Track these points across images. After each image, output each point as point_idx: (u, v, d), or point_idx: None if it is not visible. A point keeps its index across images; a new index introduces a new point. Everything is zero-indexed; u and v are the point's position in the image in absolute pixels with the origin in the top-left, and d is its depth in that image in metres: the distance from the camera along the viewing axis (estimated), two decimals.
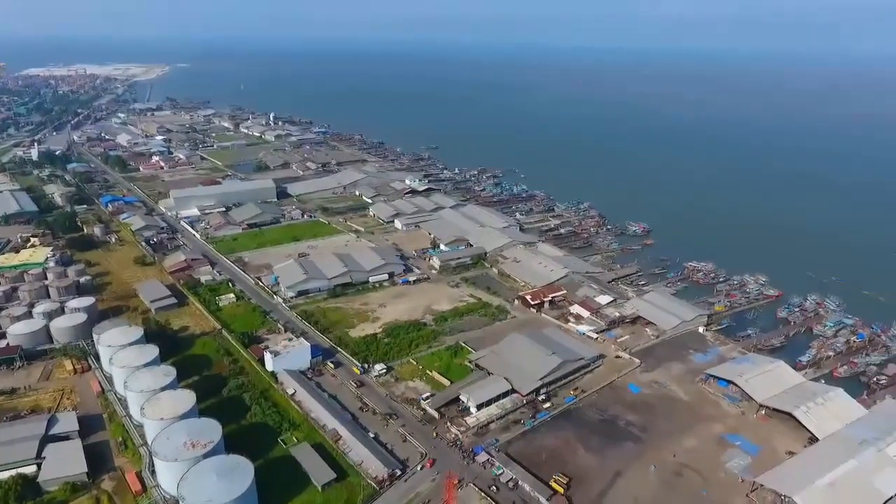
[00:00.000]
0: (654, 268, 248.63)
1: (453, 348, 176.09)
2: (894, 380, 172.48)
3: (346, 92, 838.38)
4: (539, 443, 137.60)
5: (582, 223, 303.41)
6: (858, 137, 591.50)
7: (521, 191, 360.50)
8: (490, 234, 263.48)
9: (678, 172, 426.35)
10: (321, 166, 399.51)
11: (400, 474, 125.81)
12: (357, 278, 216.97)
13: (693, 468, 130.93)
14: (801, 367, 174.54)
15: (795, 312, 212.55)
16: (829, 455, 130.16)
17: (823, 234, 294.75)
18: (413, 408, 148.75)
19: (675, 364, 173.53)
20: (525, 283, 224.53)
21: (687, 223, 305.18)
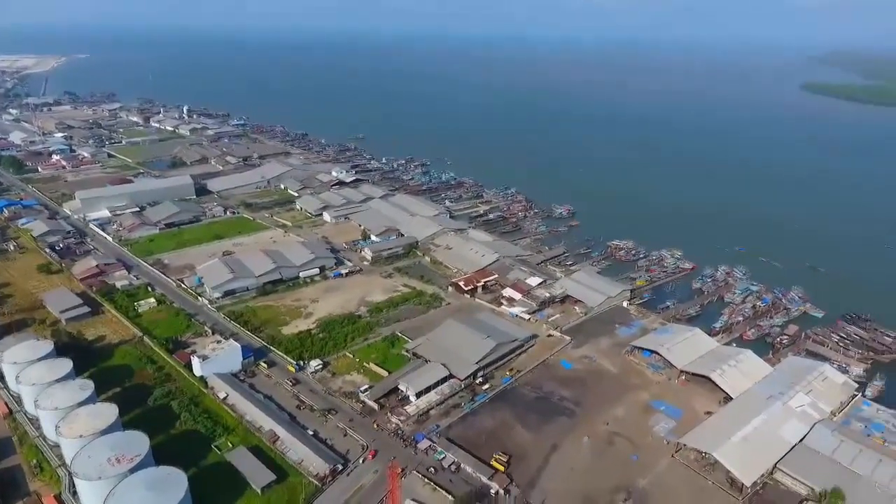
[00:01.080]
0: (580, 248, 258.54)
1: (389, 339, 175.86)
2: (795, 339, 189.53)
3: (268, 83, 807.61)
4: (479, 424, 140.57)
5: (510, 208, 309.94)
6: (749, 119, 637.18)
7: (450, 178, 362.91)
8: (421, 223, 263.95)
9: (597, 156, 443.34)
10: (242, 160, 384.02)
11: (342, 469, 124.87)
12: (287, 274, 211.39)
13: (623, 435, 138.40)
14: (715, 333, 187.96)
15: (708, 283, 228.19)
16: (742, 412, 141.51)
17: (726, 209, 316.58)
18: (352, 401, 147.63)
19: (603, 338, 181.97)
20: (457, 269, 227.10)
21: (608, 204, 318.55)
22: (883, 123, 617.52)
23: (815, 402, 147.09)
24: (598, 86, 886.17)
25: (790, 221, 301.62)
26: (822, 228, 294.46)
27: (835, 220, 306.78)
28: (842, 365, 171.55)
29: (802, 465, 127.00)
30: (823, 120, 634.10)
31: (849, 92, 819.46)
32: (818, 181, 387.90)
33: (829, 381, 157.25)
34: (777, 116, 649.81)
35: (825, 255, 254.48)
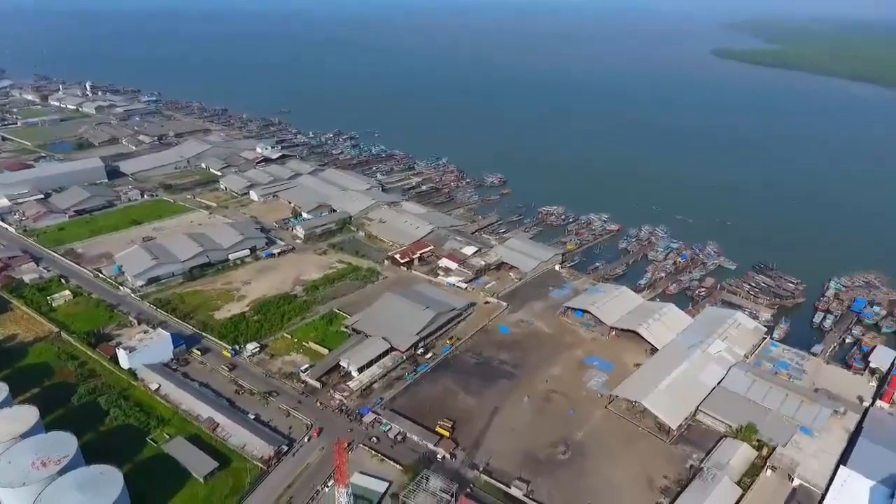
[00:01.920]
0: (512, 215, 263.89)
1: (328, 316, 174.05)
2: (711, 290, 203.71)
3: (181, 55, 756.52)
4: (422, 394, 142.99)
5: (442, 179, 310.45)
6: (663, 83, 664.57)
7: (380, 151, 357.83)
8: (353, 198, 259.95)
9: (525, 123, 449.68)
10: (157, 139, 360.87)
11: (287, 450, 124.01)
12: (215, 257, 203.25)
13: (560, 392, 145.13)
14: (641, 290, 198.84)
15: (633, 242, 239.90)
16: (667, 361, 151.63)
17: (644, 171, 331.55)
18: (293, 382, 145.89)
19: (538, 302, 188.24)
20: (393, 242, 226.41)
21: (538, 171, 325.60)
22: (783, 85, 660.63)
23: (730, 347, 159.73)
24: (512, 52, 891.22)
25: (701, 180, 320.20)
26: (729, 185, 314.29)
27: (740, 178, 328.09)
28: (752, 311, 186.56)
29: (721, 406, 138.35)
30: (731, 83, 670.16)
31: (754, 56, 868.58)
32: (726, 141, 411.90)
33: (742, 327, 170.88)
34: (689, 80, 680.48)
35: (732, 211, 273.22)
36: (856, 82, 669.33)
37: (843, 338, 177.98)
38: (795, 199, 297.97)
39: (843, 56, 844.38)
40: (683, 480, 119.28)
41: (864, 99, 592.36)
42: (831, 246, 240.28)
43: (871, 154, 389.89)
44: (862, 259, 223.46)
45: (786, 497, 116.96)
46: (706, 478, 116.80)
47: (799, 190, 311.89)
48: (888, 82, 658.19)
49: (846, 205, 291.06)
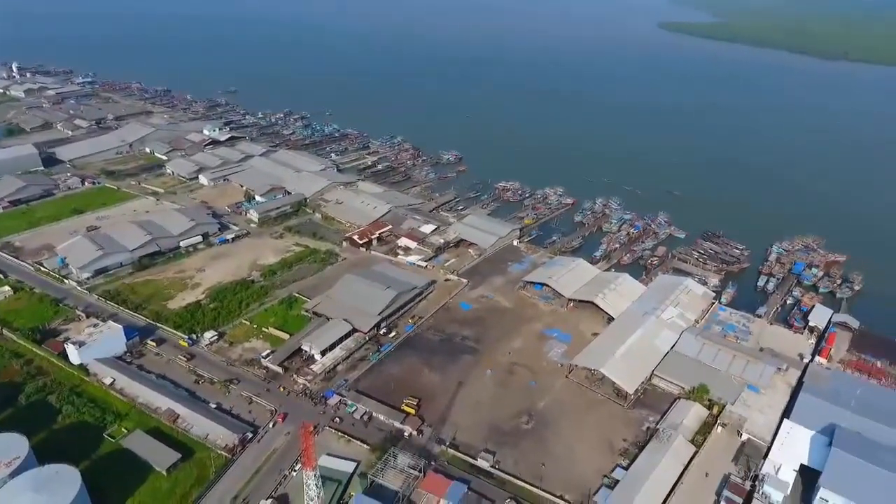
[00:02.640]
0: (469, 192, 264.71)
1: (287, 301, 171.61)
2: (663, 259, 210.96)
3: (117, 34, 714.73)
4: (386, 373, 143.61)
5: (398, 157, 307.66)
6: (611, 57, 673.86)
7: (333, 131, 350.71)
8: (307, 179, 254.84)
9: (477, 100, 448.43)
10: (95, 123, 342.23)
11: (252, 437, 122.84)
12: (166, 245, 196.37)
13: (522, 364, 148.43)
14: (596, 261, 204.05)
15: (588, 215, 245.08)
16: (622, 329, 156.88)
17: (594, 144, 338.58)
18: (255, 368, 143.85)
19: (497, 277, 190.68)
20: (350, 223, 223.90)
21: (493, 147, 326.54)
22: (726, 59, 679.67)
23: (682, 312, 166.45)
24: (463, 30, 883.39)
25: (648, 152, 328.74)
26: (675, 156, 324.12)
27: (684, 149, 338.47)
28: (701, 278, 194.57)
29: (674, 369, 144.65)
30: (676, 56, 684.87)
31: (699, 29, 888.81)
32: (670, 113, 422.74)
33: (692, 293, 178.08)
34: (637, 54, 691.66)
35: (680, 181, 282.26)
36: (794, 55, 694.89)
37: (784, 299, 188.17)
38: (739, 169, 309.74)
39: (785, 29, 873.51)
40: (641, 442, 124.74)
41: (801, 71, 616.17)
42: (773, 213, 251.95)
43: (809, 125, 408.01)
44: (801, 224, 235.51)
45: (735, 451, 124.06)
46: (662, 438, 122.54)
47: (741, 159, 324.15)
48: (824, 55, 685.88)
49: (786, 173, 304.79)
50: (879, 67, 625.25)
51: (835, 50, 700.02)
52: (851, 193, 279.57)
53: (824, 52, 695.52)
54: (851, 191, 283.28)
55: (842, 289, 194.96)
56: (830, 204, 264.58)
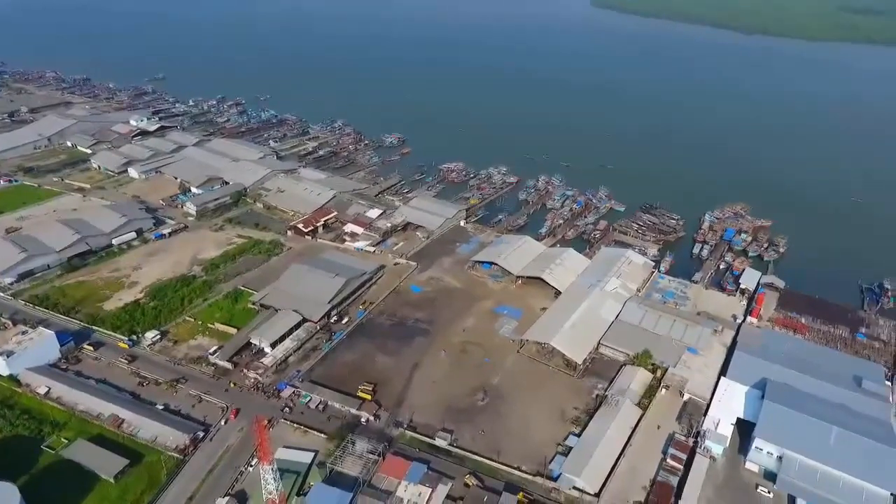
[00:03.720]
0: (414, 175, 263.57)
1: (232, 294, 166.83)
2: (605, 232, 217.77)
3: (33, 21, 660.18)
4: (340, 361, 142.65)
5: (340, 142, 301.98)
6: (543, 34, 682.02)
7: (271, 117, 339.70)
8: (246, 168, 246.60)
9: (418, 82, 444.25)
10: (7, 116, 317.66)
11: (203, 436, 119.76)
12: (97, 244, 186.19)
13: (474, 342, 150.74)
14: (542, 238, 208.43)
15: (532, 193, 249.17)
16: (569, 303, 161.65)
17: (533, 122, 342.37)
18: (202, 366, 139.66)
19: (446, 258, 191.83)
20: (294, 212, 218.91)
21: (435, 129, 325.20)
22: (657, 34, 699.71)
23: (624, 283, 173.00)
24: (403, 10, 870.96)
25: (583, 127, 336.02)
26: (607, 131, 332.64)
27: (617, 123, 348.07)
28: (641, 248, 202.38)
29: (619, 337, 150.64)
30: (609, 32, 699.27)
31: (630, 5, 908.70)
32: (602, 89, 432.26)
33: (634, 263, 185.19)
34: (569, 31, 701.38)
35: (614, 155, 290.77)
36: (719, 30, 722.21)
37: (717, 265, 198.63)
38: (669, 142, 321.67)
39: (708, 4, 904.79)
40: (591, 409, 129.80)
41: (723, 45, 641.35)
42: (704, 183, 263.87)
43: (732, 98, 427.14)
44: (730, 193, 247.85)
45: (678, 410, 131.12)
46: (611, 403, 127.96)
47: (671, 133, 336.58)
48: (745, 30, 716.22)
49: (713, 145, 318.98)
50: (797, 42, 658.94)
51: (755, 25, 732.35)
52: (774, 162, 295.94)
53: (745, 26, 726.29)
54: (774, 159, 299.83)
55: (768, 252, 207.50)
56: (755, 173, 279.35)
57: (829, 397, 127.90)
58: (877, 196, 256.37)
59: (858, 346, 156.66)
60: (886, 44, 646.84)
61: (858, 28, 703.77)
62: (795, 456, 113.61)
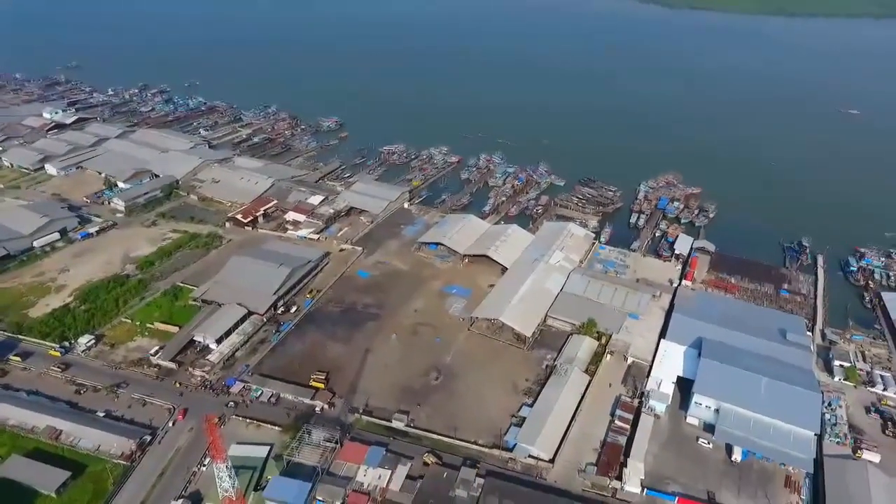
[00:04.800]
0: (355, 158, 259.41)
1: (171, 292, 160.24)
2: (546, 207, 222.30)
3: None
4: (290, 352, 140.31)
5: (275, 128, 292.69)
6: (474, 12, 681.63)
7: (199, 104, 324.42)
8: (176, 159, 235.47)
9: (351, 64, 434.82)
10: None
11: (151, 439, 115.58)
12: (15, 248, 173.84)
13: (425, 323, 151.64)
14: (486, 216, 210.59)
15: (473, 172, 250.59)
16: (516, 278, 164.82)
17: (466, 99, 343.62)
18: (144, 367, 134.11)
19: (392, 241, 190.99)
20: (232, 202, 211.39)
21: (372, 111, 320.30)
22: (582, 12, 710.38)
23: (567, 255, 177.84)
24: None
25: (515, 104, 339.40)
26: (544, 108, 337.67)
27: (550, 99, 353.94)
28: (582, 221, 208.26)
29: (565, 308, 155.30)
30: (538, 9, 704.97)
31: None
32: (534, 66, 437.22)
33: (575, 236, 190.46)
34: (497, 8, 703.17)
35: (549, 131, 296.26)
36: (645, 4, 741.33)
37: (653, 233, 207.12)
38: (602, 116, 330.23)
39: None
40: (542, 379, 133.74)
41: (649, 20, 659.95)
42: (638, 155, 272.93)
43: (660, 70, 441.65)
44: (662, 163, 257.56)
45: (623, 374, 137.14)
46: (560, 373, 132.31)
47: (604, 108, 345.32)
48: (670, 4, 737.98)
49: (644, 117, 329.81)
50: (721, 15, 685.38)
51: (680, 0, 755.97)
52: (702, 132, 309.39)
53: (670, 1, 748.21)
54: (701, 130, 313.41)
55: (699, 218, 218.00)
56: (685, 143, 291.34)
57: (759, 350, 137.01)
58: (794, 160, 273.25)
59: (782, 301, 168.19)
60: (805, 17, 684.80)
61: (780, 2, 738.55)
62: (731, 407, 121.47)
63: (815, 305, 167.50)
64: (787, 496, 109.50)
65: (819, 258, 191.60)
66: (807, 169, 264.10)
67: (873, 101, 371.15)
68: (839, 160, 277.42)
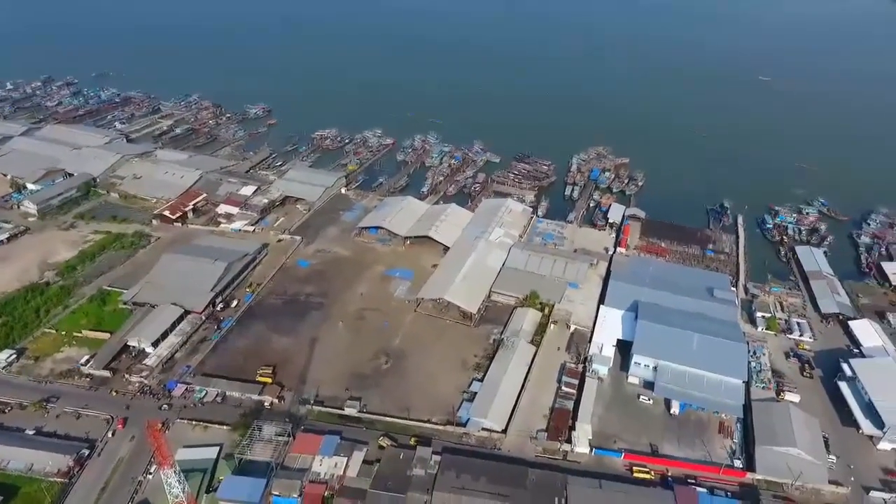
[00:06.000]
0: (286, 146, 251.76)
1: (98, 297, 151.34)
2: (484, 184, 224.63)
3: None
4: (233, 349, 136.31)
5: (198, 118, 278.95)
6: None
7: (112, 96, 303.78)
8: (91, 156, 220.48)
9: (274, 46, 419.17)
10: None
11: (90, 453, 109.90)
12: None
13: (371, 308, 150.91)
14: (424, 197, 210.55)
15: (409, 153, 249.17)
16: (458, 256, 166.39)
17: (395, 80, 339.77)
18: (75, 379, 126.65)
19: (331, 228, 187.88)
20: (157, 198, 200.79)
21: (300, 95, 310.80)
22: None
23: (507, 231, 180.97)
24: None
25: (447, 84, 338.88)
26: (472, 86, 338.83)
27: (479, 77, 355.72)
28: (519, 196, 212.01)
29: (508, 283, 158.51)
30: None
31: None
32: (462, 44, 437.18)
33: (514, 211, 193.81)
34: None
35: (482, 109, 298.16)
36: None
37: (588, 203, 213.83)
38: (531, 91, 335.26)
39: None
40: (490, 354, 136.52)
41: None
42: (569, 128, 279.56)
43: (586, 45, 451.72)
44: (592, 135, 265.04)
45: (567, 341, 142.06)
46: (507, 346, 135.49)
47: (532, 83, 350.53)
48: None
49: (572, 91, 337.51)
50: None
51: None
52: (627, 104, 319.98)
53: None
54: (627, 101, 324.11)
55: (629, 187, 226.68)
56: (612, 115, 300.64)
57: (689, 308, 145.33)
58: (714, 127, 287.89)
59: (708, 261, 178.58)
60: None
61: None
62: (667, 364, 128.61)
63: (737, 262, 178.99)
64: (722, 441, 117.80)
65: (739, 218, 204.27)
66: (726, 135, 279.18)
67: (783, 67, 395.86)
68: (753, 124, 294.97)
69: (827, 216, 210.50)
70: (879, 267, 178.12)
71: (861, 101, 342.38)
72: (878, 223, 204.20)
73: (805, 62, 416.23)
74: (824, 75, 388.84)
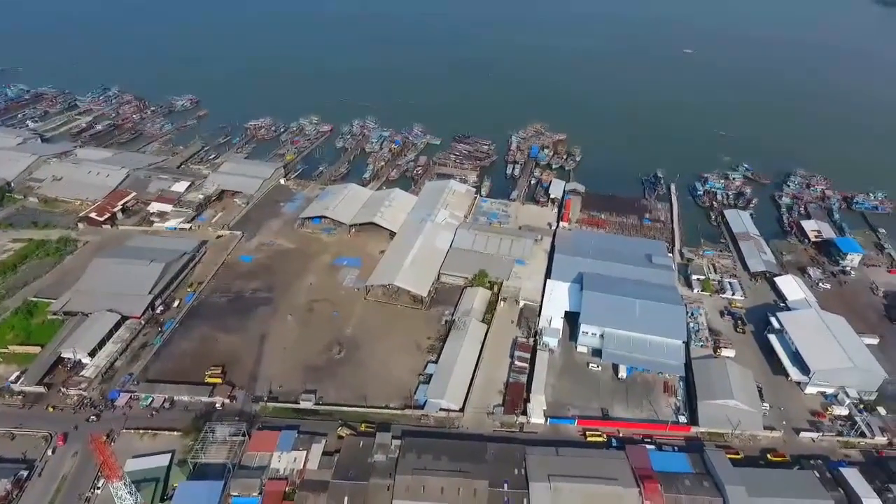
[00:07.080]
0: (219, 138, 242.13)
1: (23, 309, 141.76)
2: (426, 167, 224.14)
3: None
4: (178, 352, 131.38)
5: (120, 112, 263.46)
6: None
7: (20, 93, 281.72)
8: (4, 158, 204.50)
9: (195, 34, 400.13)
10: None
11: (28, 474, 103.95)
12: None
13: (320, 299, 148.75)
14: (367, 183, 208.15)
15: (348, 139, 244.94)
16: (405, 241, 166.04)
17: (325, 65, 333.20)
18: (5, 398, 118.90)
19: (273, 221, 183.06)
20: (82, 200, 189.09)
21: (230, 84, 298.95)
22: None
23: (452, 212, 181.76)
24: None
25: (369, 66, 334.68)
26: (400, 67, 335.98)
27: (410, 57, 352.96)
28: (462, 177, 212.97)
29: (456, 264, 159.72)
30: None
31: None
32: (389, 23, 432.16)
33: (457, 193, 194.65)
34: None
35: (416, 91, 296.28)
36: None
37: (529, 180, 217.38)
38: (466, 71, 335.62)
39: None
40: (443, 335, 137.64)
41: None
42: (506, 107, 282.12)
43: (517, 23, 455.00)
44: (529, 113, 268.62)
45: (517, 317, 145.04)
46: (459, 326, 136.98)
47: (467, 62, 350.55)
48: None
49: (506, 70, 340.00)
50: None
51: None
52: (560, 80, 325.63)
53: None
54: (560, 78, 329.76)
55: (568, 162, 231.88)
56: (546, 92, 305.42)
57: (631, 276, 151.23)
58: (644, 100, 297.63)
59: (646, 230, 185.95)
60: None
61: None
62: (613, 331, 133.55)
63: (672, 229, 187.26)
64: (667, 399, 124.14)
65: (672, 186, 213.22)
66: (655, 106, 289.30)
67: (704, 40, 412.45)
68: (680, 95, 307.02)
69: (751, 180, 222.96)
70: (799, 225, 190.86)
71: (778, 68, 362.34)
72: (796, 184, 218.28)
73: (725, 34, 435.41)
74: (742, 44, 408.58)
